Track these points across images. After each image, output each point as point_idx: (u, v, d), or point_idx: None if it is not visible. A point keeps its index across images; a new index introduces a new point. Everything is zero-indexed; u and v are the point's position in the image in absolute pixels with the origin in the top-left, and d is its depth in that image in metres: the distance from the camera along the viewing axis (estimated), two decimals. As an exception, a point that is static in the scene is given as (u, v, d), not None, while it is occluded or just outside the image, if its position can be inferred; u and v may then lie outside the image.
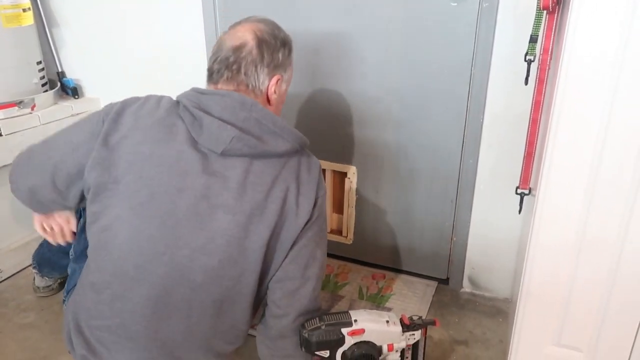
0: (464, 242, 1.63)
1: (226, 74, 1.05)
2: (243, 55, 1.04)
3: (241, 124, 0.99)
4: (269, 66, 1.06)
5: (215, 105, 1.00)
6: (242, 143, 0.98)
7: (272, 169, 1.02)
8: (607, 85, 0.92)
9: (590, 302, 1.08)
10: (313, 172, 1.08)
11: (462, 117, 1.49)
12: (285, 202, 1.02)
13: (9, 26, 1.68)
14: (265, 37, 1.06)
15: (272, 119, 1.02)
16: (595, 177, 0.98)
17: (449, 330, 1.49)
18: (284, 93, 1.15)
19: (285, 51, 1.10)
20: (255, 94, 1.07)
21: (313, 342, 1.11)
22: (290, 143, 1.04)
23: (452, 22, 1.40)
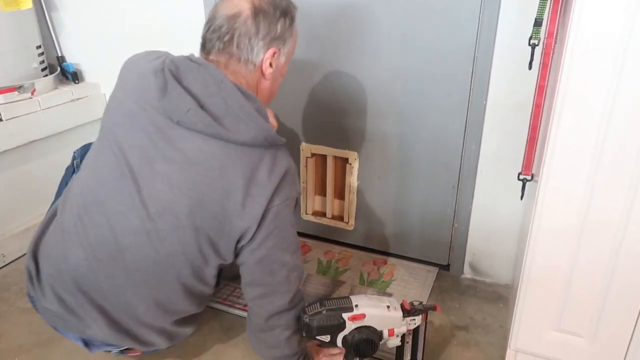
0: (465, 228, 1.62)
1: (217, 45, 1.00)
2: (237, 25, 0.98)
3: (206, 99, 0.94)
4: (265, 38, 1.00)
5: (189, 74, 0.96)
6: (197, 118, 0.93)
7: (224, 155, 0.94)
8: (612, 69, 0.91)
9: (591, 287, 1.08)
10: (275, 176, 0.97)
11: (465, 102, 1.47)
12: (229, 197, 0.95)
13: (7, 9, 1.66)
14: (264, 6, 1.00)
15: (240, 103, 0.95)
16: (598, 162, 0.98)
17: (449, 316, 1.49)
18: (284, 66, 1.09)
19: (285, 22, 1.02)
20: (247, 67, 1.02)
21: (314, 326, 1.11)
22: (253, 134, 0.95)
23: (456, 5, 1.39)
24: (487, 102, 1.45)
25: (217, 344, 1.37)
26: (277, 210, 0.98)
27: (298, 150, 1.77)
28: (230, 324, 1.45)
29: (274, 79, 1.07)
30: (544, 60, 1.14)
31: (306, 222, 1.88)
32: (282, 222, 1.00)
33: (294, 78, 1.67)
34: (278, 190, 0.97)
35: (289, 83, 1.67)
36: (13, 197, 1.74)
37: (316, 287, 1.61)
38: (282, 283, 1.06)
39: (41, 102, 1.74)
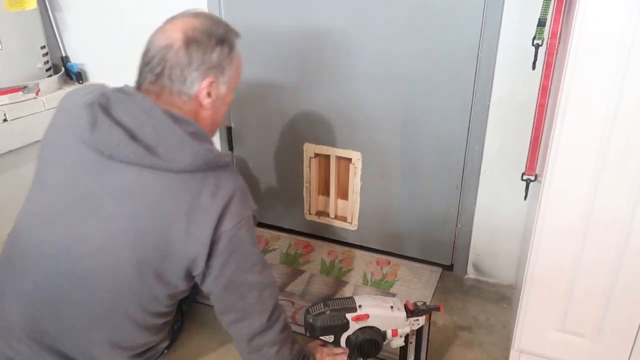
0: (468, 228, 1.62)
1: (149, 77, 0.96)
2: (168, 56, 0.94)
3: (137, 130, 0.90)
4: (200, 68, 0.96)
5: (119, 105, 0.92)
6: (129, 150, 0.89)
7: (163, 185, 0.90)
8: (616, 69, 0.91)
9: (595, 288, 1.08)
10: (219, 198, 0.92)
11: (468, 102, 1.47)
12: (171, 226, 0.90)
13: (12, 10, 1.67)
14: (197, 36, 0.95)
15: (171, 129, 0.90)
16: (602, 162, 0.97)
17: (453, 316, 1.49)
18: (226, 95, 1.04)
19: (223, 50, 0.98)
20: (182, 99, 0.97)
21: (317, 327, 1.11)
22: (189, 160, 0.90)
23: (459, 5, 1.38)
24: (490, 103, 1.45)
25: (220, 344, 1.38)
26: (230, 234, 0.94)
27: (301, 150, 1.77)
28: (234, 323, 1.45)
29: (215, 108, 1.02)
30: (547, 60, 1.14)
31: (309, 222, 1.88)
32: (239, 244, 0.96)
33: (296, 78, 1.67)
34: (226, 213, 0.93)
35: (291, 82, 1.68)
36: (18, 197, 1.74)
37: (319, 287, 1.61)
38: (255, 304, 1.02)
39: (45, 102, 1.74)
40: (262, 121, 1.80)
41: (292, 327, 1.40)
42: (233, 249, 0.95)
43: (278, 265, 1.72)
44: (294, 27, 1.61)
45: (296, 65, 1.66)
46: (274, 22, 1.63)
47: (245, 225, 0.97)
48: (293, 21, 1.60)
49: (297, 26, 1.60)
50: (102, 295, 0.96)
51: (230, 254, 0.95)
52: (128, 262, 0.93)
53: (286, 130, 1.77)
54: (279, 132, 1.78)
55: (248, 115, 1.81)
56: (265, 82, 1.73)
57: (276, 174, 1.86)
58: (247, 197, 1.00)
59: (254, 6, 1.63)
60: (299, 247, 1.83)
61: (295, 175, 1.82)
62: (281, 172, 1.85)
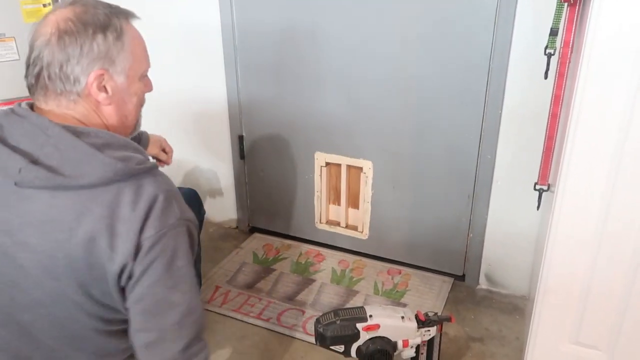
0: (480, 238, 1.61)
1: (31, 81, 0.87)
2: (43, 54, 0.85)
3: (38, 152, 0.83)
4: (80, 63, 0.86)
5: (15, 130, 0.85)
6: (32, 175, 0.82)
7: (77, 203, 0.84)
8: (629, 78, 0.90)
9: (610, 299, 1.06)
10: (140, 207, 0.85)
11: (480, 111, 1.47)
12: (95, 244, 0.84)
13: (29, 21, 1.71)
14: (70, 27, 0.85)
15: (72, 144, 0.83)
16: (615, 172, 0.96)
17: (464, 327, 1.48)
18: (130, 84, 0.93)
19: (107, 37, 0.87)
20: (69, 98, 0.88)
21: (328, 336, 1.11)
22: (99, 173, 0.84)
23: (471, 15, 1.39)
24: (502, 112, 1.44)
25: (231, 352, 1.38)
26: (151, 242, 0.85)
27: (312, 159, 1.78)
28: (244, 332, 1.45)
29: (118, 102, 0.93)
30: (560, 69, 1.14)
31: (320, 230, 1.88)
32: (160, 255, 0.86)
33: (306, 87, 1.68)
34: (148, 221, 0.85)
35: (303, 91, 1.69)
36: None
37: (330, 296, 1.61)
38: (173, 328, 0.89)
39: (61, 111, 1.77)
40: (273, 130, 1.81)
41: (303, 336, 1.41)
42: (153, 259, 0.86)
43: (288, 274, 1.72)
44: (305, 37, 1.62)
45: (308, 74, 1.67)
46: (286, 33, 1.64)
47: (170, 234, 0.87)
48: (305, 31, 1.61)
49: (309, 36, 1.61)
50: (65, 319, 0.92)
51: (150, 264, 0.86)
52: (71, 289, 0.88)
53: (297, 139, 1.78)
54: (290, 140, 1.79)
55: (259, 123, 1.82)
56: (276, 92, 1.74)
57: (287, 183, 1.87)
58: (172, 204, 0.89)
59: (267, 12, 1.65)
60: (310, 256, 1.83)
61: (306, 184, 1.83)
62: (292, 180, 1.85)
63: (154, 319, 0.88)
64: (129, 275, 0.86)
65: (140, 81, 0.96)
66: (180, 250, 0.89)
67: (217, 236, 1.98)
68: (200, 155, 1.99)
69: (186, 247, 0.90)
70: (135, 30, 0.94)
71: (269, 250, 1.87)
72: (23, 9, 1.68)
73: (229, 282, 1.68)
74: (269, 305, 1.55)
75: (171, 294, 0.88)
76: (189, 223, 0.92)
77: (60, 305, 0.90)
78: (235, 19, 1.70)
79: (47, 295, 0.89)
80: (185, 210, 0.93)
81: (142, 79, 0.96)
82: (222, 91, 1.82)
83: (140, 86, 0.96)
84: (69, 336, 0.94)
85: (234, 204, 2.01)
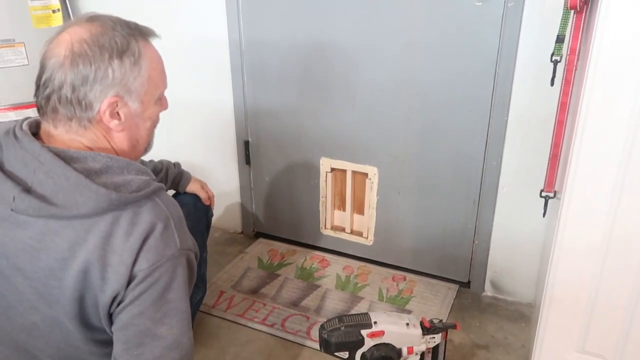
0: (486, 244, 1.60)
1: (44, 106, 0.84)
2: (55, 76, 0.81)
3: (31, 180, 0.80)
4: (93, 89, 0.81)
5: (10, 154, 0.82)
6: (25, 204, 0.80)
7: (71, 233, 0.81)
8: (636, 85, 0.89)
9: (616, 307, 1.05)
10: (134, 237, 0.81)
11: (486, 118, 1.47)
12: (88, 275, 0.81)
13: (39, 27, 1.72)
14: (84, 50, 0.81)
15: (65, 173, 0.79)
16: (622, 179, 0.96)
17: (469, 334, 1.47)
18: (143, 110, 0.88)
19: (124, 62, 0.83)
20: (81, 124, 0.84)
21: (332, 343, 1.11)
22: (92, 204, 0.79)
23: (477, 22, 1.39)
24: (508, 118, 1.44)
25: (235, 357, 1.38)
26: (144, 274, 0.81)
27: (318, 165, 1.78)
28: (249, 337, 1.45)
29: (131, 128, 0.88)
30: (566, 76, 1.14)
31: (325, 236, 1.88)
32: (152, 287, 0.82)
33: (313, 92, 1.69)
34: (142, 252, 0.81)
35: (308, 97, 1.70)
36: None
37: (335, 302, 1.60)
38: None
39: (68, 116, 1.78)
40: (278, 136, 1.81)
41: (307, 342, 1.41)
42: (144, 290, 0.81)
43: (293, 280, 1.72)
44: (311, 43, 1.63)
45: (313, 79, 1.68)
46: (292, 38, 1.65)
47: (165, 267, 0.83)
48: (311, 37, 1.62)
49: (315, 42, 1.62)
50: (61, 342, 0.90)
51: (141, 294, 0.82)
52: (65, 317, 0.85)
53: (303, 144, 1.78)
54: (296, 146, 1.80)
55: (265, 129, 1.83)
56: (282, 97, 1.75)
57: (292, 188, 1.87)
58: (171, 233, 0.85)
59: (273, 21, 1.66)
60: (315, 262, 1.83)
61: (311, 190, 1.83)
62: (297, 186, 1.86)
63: (136, 349, 0.83)
64: (120, 301, 0.83)
65: (156, 104, 0.91)
66: (176, 282, 0.85)
67: (222, 241, 1.99)
68: (206, 160, 2.00)
69: (182, 279, 0.86)
70: (154, 52, 0.89)
71: (274, 256, 1.87)
72: (33, 14, 1.70)
73: (234, 287, 1.68)
74: (274, 311, 1.55)
75: (156, 327, 0.84)
76: (189, 253, 0.88)
77: (55, 330, 0.88)
78: (243, 32, 1.71)
79: (42, 320, 0.88)
80: (186, 239, 0.88)
81: (157, 102, 0.91)
82: (229, 98, 1.83)
83: (155, 109, 0.91)
84: (66, 357, 0.92)
85: (239, 209, 2.01)
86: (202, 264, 1.40)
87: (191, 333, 0.88)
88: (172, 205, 0.89)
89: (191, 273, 0.90)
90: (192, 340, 0.88)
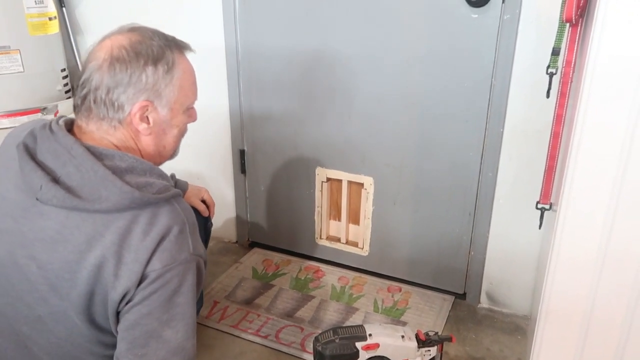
0: (481, 256, 1.60)
1: (77, 102, 0.89)
2: (92, 78, 0.87)
3: (60, 171, 0.84)
4: (127, 92, 0.87)
5: (43, 146, 0.86)
6: (51, 194, 0.83)
7: (90, 227, 0.83)
8: (632, 98, 0.90)
9: (614, 321, 1.05)
10: (151, 237, 0.83)
11: (482, 129, 1.47)
12: (102, 270, 0.83)
13: (35, 34, 1.72)
14: (122, 55, 0.86)
15: (93, 167, 0.83)
16: (618, 192, 0.96)
17: (465, 347, 1.46)
18: (172, 117, 0.93)
19: (156, 70, 0.88)
20: (111, 124, 0.89)
21: (327, 355, 1.10)
22: (115, 199, 0.83)
23: (473, 34, 1.39)
24: (504, 130, 1.44)
25: (228, 369, 1.36)
26: (156, 274, 0.83)
27: (313, 175, 1.77)
28: (242, 349, 1.43)
29: (158, 133, 0.93)
30: (562, 89, 1.14)
31: (320, 246, 1.87)
32: (163, 288, 0.84)
33: (309, 102, 1.69)
34: (156, 253, 0.83)
35: (304, 106, 1.70)
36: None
37: (329, 313, 1.59)
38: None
39: (63, 123, 1.78)
40: (274, 145, 1.81)
41: (301, 354, 1.39)
42: (154, 290, 0.83)
43: (288, 290, 1.70)
44: (308, 52, 1.63)
45: (310, 89, 1.68)
46: (289, 47, 1.65)
47: (177, 270, 0.85)
48: (308, 46, 1.62)
49: (312, 51, 1.62)
50: (62, 340, 0.91)
51: (151, 294, 0.83)
52: (74, 310, 0.87)
53: (298, 154, 1.78)
54: (292, 156, 1.79)
55: (261, 138, 1.83)
56: (278, 106, 1.74)
57: (288, 198, 1.86)
58: (186, 238, 0.87)
59: (270, 29, 1.66)
60: (310, 272, 1.82)
61: (306, 200, 1.82)
62: (293, 196, 1.85)
63: (141, 349, 0.84)
64: (129, 300, 0.84)
65: (184, 114, 0.96)
66: (185, 286, 0.87)
67: (217, 250, 1.97)
68: (201, 169, 1.99)
69: (191, 284, 0.88)
70: (187, 64, 0.95)
71: (269, 266, 1.86)
72: (29, 21, 1.69)
73: (228, 297, 1.66)
74: (268, 322, 1.54)
75: (163, 329, 0.85)
76: (199, 259, 0.90)
77: (60, 325, 0.89)
78: (239, 39, 1.71)
79: (49, 313, 0.88)
80: (198, 245, 0.91)
81: (186, 112, 0.96)
82: (225, 106, 1.83)
83: (183, 118, 0.96)
84: (66, 355, 0.92)
85: (234, 218, 2.00)
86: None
87: (195, 340, 0.89)
88: (188, 211, 0.92)
89: (199, 279, 0.92)
90: (195, 347, 0.89)
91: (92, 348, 0.92)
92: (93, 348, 0.92)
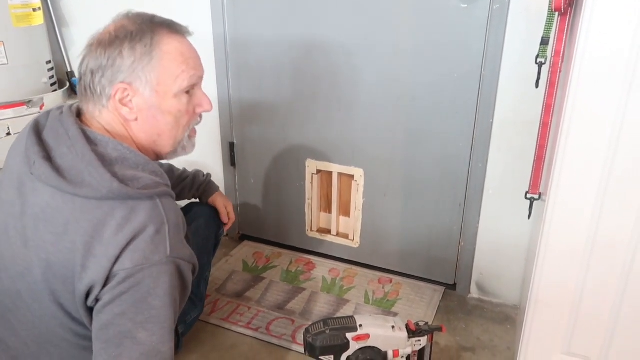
0: (471, 247, 1.60)
1: (79, 90, 0.92)
2: (83, 64, 0.89)
3: (56, 150, 0.85)
4: (106, 74, 0.86)
5: (50, 125, 0.88)
6: (41, 170, 0.83)
7: (69, 211, 0.82)
8: (620, 88, 0.90)
9: (601, 309, 1.06)
10: (124, 233, 0.80)
11: (472, 120, 1.47)
12: (73, 257, 0.81)
13: (19, 26, 1.69)
14: (105, 39, 0.86)
15: (82, 151, 0.83)
16: (607, 181, 0.96)
17: (455, 337, 1.47)
18: (159, 103, 0.89)
19: (134, 50, 0.85)
20: (98, 109, 0.89)
21: (317, 346, 1.09)
22: (95, 186, 0.81)
23: (462, 24, 1.39)
24: (493, 121, 1.44)
25: (219, 362, 1.36)
26: (126, 274, 0.80)
27: (303, 167, 1.76)
28: (233, 342, 1.43)
29: (147, 119, 0.90)
30: (551, 78, 1.14)
31: (311, 239, 1.86)
32: (134, 289, 0.80)
33: (299, 94, 1.68)
34: (128, 251, 0.80)
35: (294, 99, 1.68)
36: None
37: (320, 305, 1.59)
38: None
39: (49, 116, 1.75)
40: (264, 137, 1.80)
41: (292, 346, 1.39)
42: (124, 291, 0.80)
43: (278, 283, 1.70)
44: (297, 43, 1.62)
45: (299, 81, 1.66)
46: (277, 38, 1.64)
47: (149, 271, 0.81)
48: (297, 36, 1.61)
49: (301, 41, 1.61)
50: (39, 320, 0.89)
51: (120, 295, 0.80)
52: (44, 293, 0.86)
53: (289, 146, 1.77)
54: (282, 148, 1.78)
55: (251, 131, 1.81)
56: (268, 98, 1.73)
57: (278, 190, 1.86)
58: (164, 239, 0.83)
59: (259, 21, 1.65)
60: (300, 265, 1.81)
61: (297, 192, 1.82)
62: (283, 188, 1.84)
63: (115, 349, 0.80)
64: (96, 298, 0.82)
65: (176, 98, 0.90)
66: (160, 289, 0.82)
67: (207, 244, 1.96)
68: (190, 162, 1.97)
69: (168, 287, 0.83)
70: (177, 45, 0.90)
71: (259, 259, 1.85)
72: (12, 13, 1.66)
73: (218, 290, 1.66)
74: (258, 315, 1.54)
75: (137, 330, 0.81)
76: (181, 262, 0.86)
77: (36, 305, 0.88)
78: (228, 29, 1.69)
79: (26, 289, 0.88)
80: (179, 248, 0.86)
81: (179, 97, 0.91)
82: (214, 98, 1.81)
83: (174, 104, 0.91)
84: (40, 336, 0.91)
85: (225, 211, 1.99)
86: (201, 283, 1.38)
87: (172, 343, 0.85)
88: (172, 211, 0.87)
89: (183, 284, 0.88)
90: (173, 351, 0.85)
91: (65, 335, 0.90)
92: (66, 335, 0.90)
